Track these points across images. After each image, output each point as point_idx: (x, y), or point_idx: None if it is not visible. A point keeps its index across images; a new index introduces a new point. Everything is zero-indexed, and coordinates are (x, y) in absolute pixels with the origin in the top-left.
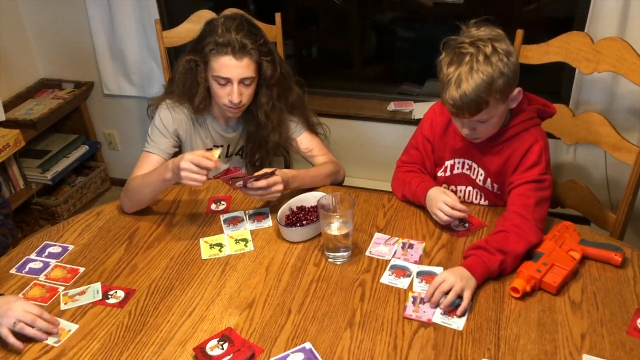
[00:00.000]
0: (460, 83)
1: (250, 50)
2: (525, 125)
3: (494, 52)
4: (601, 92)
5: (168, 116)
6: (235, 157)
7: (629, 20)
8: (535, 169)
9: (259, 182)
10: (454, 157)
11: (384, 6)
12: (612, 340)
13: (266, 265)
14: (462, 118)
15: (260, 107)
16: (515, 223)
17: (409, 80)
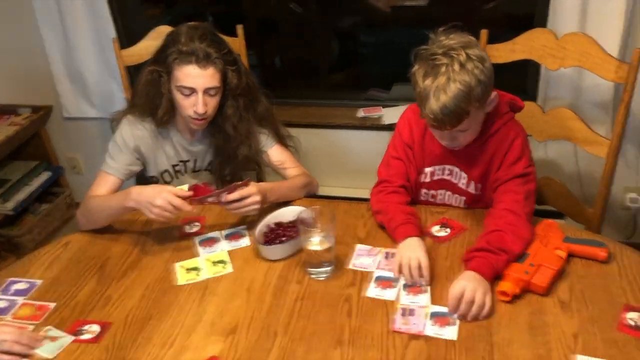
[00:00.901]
0: (438, 95)
1: (214, 59)
2: (503, 120)
3: (469, 59)
4: (567, 88)
5: (128, 132)
6: (204, 173)
7: (588, 15)
8: (519, 163)
9: (232, 194)
10: (433, 164)
11: (345, 12)
12: (604, 338)
13: (247, 287)
14: (443, 130)
15: (227, 118)
16: (508, 221)
17: (376, 85)
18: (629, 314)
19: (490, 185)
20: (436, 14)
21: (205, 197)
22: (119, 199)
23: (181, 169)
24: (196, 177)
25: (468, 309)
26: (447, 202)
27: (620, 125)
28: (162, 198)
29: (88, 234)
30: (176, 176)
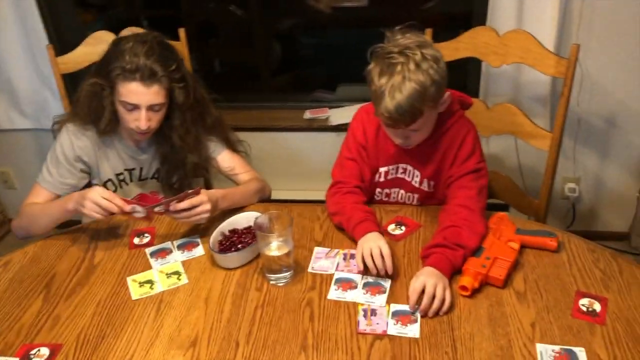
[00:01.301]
0: (394, 94)
1: (160, 78)
2: (454, 117)
3: (424, 59)
4: (507, 84)
5: (68, 143)
6: (151, 181)
7: (524, 13)
8: (471, 159)
9: (181, 203)
10: (388, 164)
11: (286, 14)
12: (560, 325)
13: (204, 297)
14: (397, 128)
15: (174, 129)
16: (463, 216)
17: (321, 87)
18: (582, 300)
19: (443, 182)
20: (376, 14)
21: (154, 205)
22: (60, 202)
23: (126, 178)
24: (143, 185)
25: (429, 304)
26: (400, 201)
27: (561, 118)
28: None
29: (30, 251)
30: (120, 185)
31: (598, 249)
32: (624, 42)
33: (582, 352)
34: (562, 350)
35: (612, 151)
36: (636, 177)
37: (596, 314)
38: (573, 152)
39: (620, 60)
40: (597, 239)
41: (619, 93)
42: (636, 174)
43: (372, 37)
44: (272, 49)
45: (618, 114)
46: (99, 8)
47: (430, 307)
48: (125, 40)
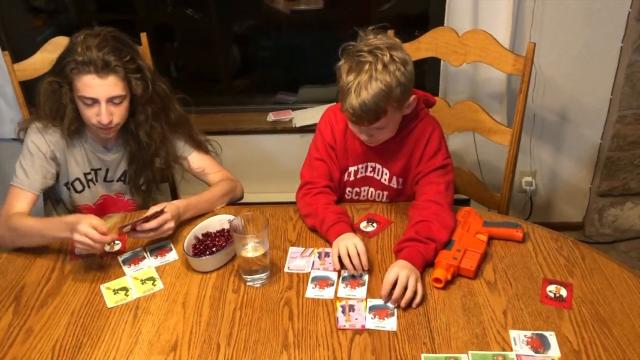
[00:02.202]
0: (360, 92)
1: (115, 67)
2: (419, 116)
3: (392, 61)
4: (464, 82)
5: (41, 139)
6: (117, 184)
7: (479, 13)
8: (438, 155)
9: (150, 223)
10: (357, 163)
11: (243, 16)
12: (530, 312)
13: (182, 302)
14: (361, 125)
15: (140, 125)
16: (433, 211)
17: (282, 89)
18: (549, 287)
19: (411, 178)
20: (332, 16)
21: (123, 225)
22: (55, 227)
23: (93, 178)
24: (109, 187)
25: (402, 294)
26: (370, 198)
27: (520, 114)
28: (79, 231)
29: None
30: (88, 185)
31: (561, 238)
32: (572, 40)
33: (553, 336)
34: (534, 335)
35: (565, 145)
36: (589, 169)
37: (563, 299)
38: (529, 147)
39: (569, 57)
40: (553, 229)
41: (570, 89)
42: (589, 166)
43: (330, 39)
44: (230, 52)
45: (570, 108)
46: (49, 13)
47: (402, 297)
48: (78, 35)
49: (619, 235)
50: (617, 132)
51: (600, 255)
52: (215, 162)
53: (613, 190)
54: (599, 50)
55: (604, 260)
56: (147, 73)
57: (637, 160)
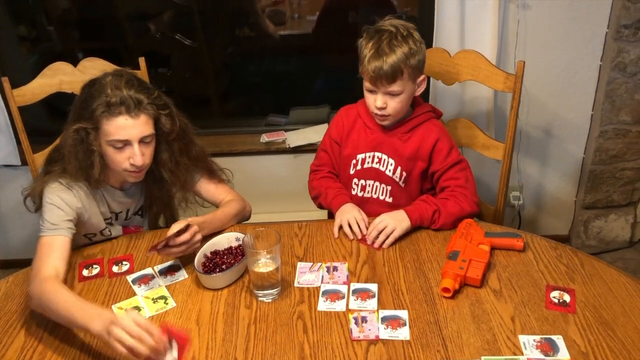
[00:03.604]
0: (381, 53)
1: (146, 106)
2: (427, 116)
3: (410, 35)
4: (453, 101)
5: (70, 196)
6: (135, 217)
7: (466, 34)
8: (452, 153)
9: (183, 236)
10: (365, 151)
11: (232, 41)
12: (536, 317)
13: (195, 319)
14: (379, 87)
15: (164, 164)
16: (454, 194)
17: (273, 111)
18: (552, 293)
19: (415, 176)
20: (319, 41)
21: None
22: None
23: (112, 221)
24: (128, 223)
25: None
26: (374, 196)
27: (512, 129)
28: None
29: (2, 287)
30: (109, 230)
31: (559, 246)
32: (554, 59)
33: (560, 339)
34: (543, 339)
35: (550, 159)
36: (573, 183)
37: (567, 304)
38: (516, 162)
39: (552, 75)
40: None
41: (553, 106)
42: (573, 180)
43: (317, 62)
44: (220, 76)
45: (554, 124)
46: (33, 41)
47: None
48: (102, 77)
49: (603, 246)
50: (599, 146)
51: (598, 261)
52: (223, 182)
53: (597, 202)
54: (579, 69)
55: (602, 266)
56: (173, 109)
57: (619, 173)
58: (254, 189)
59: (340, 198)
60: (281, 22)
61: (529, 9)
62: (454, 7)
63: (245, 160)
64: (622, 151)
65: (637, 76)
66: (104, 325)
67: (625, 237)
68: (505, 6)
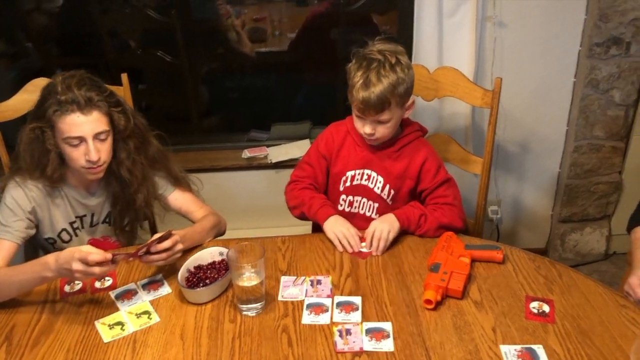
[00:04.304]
0: (369, 84)
1: (97, 103)
2: (415, 135)
3: (398, 62)
4: (431, 117)
5: (21, 195)
6: (102, 226)
7: (444, 52)
8: (440, 172)
9: (164, 243)
10: (355, 168)
11: (213, 58)
12: (517, 327)
13: (179, 334)
14: (367, 116)
15: (121, 163)
16: (442, 207)
17: (254, 127)
18: (532, 304)
19: (403, 195)
20: (297, 58)
21: (136, 250)
22: (35, 269)
23: (79, 226)
24: (93, 232)
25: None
26: (361, 212)
27: (490, 143)
28: (75, 260)
29: None
30: (75, 234)
31: (538, 258)
32: (529, 76)
33: (541, 349)
34: (523, 349)
35: (527, 174)
36: (550, 197)
37: (546, 315)
38: (494, 177)
39: (527, 92)
40: None
41: (529, 121)
42: (549, 194)
43: (297, 78)
44: (200, 93)
45: (530, 140)
46: (11, 57)
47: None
48: (54, 78)
49: (580, 259)
50: (574, 161)
51: (575, 272)
52: (196, 198)
53: (573, 216)
54: (554, 86)
55: (579, 277)
56: (126, 106)
57: (594, 187)
58: (236, 205)
59: (325, 209)
60: (262, 39)
61: (505, 27)
62: (432, 25)
63: (227, 175)
64: (597, 166)
65: (609, 93)
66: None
67: (600, 249)
68: (482, 24)
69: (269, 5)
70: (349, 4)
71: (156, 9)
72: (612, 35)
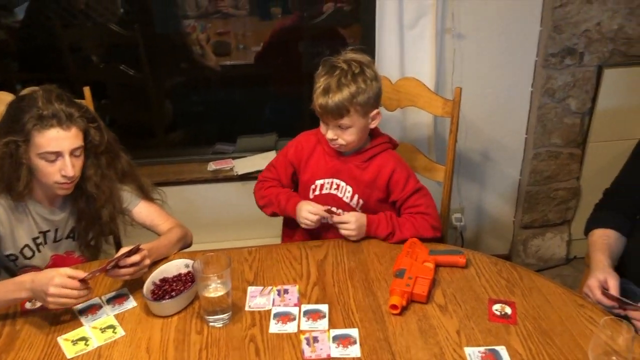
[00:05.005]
0: (328, 91)
1: (77, 119)
2: (384, 146)
3: (361, 73)
4: (395, 127)
5: None
6: (67, 241)
7: (405, 63)
8: (410, 181)
9: (133, 257)
10: (324, 177)
11: (177, 72)
12: (480, 330)
13: (145, 347)
14: (328, 121)
15: (89, 179)
16: (414, 218)
17: (219, 140)
18: (494, 306)
19: (372, 204)
20: (262, 70)
21: (105, 265)
22: (8, 289)
23: (42, 241)
24: (57, 247)
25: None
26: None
27: (451, 152)
28: (55, 285)
29: None
30: (38, 249)
31: (499, 262)
32: (489, 86)
33: (504, 350)
34: (487, 350)
35: (488, 182)
36: (511, 204)
37: (508, 316)
38: (457, 185)
39: (487, 101)
40: None
41: (489, 130)
42: (511, 200)
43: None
44: (164, 107)
45: (490, 148)
46: None
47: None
48: (32, 92)
49: (542, 264)
50: (533, 168)
51: (535, 275)
52: (163, 210)
53: (534, 222)
54: (512, 95)
55: (539, 279)
56: (101, 122)
57: (553, 193)
58: (202, 218)
59: (293, 200)
60: (226, 53)
61: (463, 38)
62: (394, 37)
63: (192, 189)
64: (555, 172)
65: (565, 101)
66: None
67: (561, 254)
68: (442, 36)
69: (233, 19)
70: (312, 18)
71: (119, 23)
72: (566, 46)
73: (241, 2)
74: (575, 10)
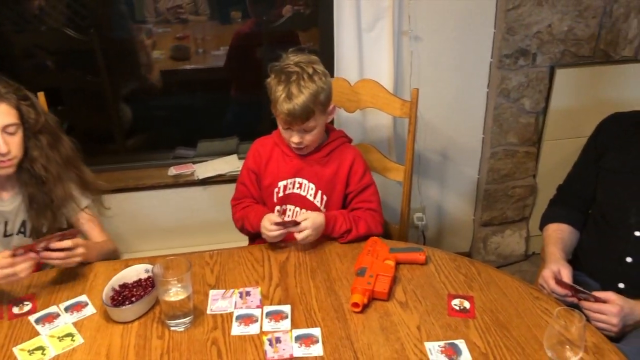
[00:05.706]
0: (291, 97)
1: (5, 95)
2: (341, 140)
3: (315, 72)
4: (356, 128)
5: None
6: (17, 237)
7: (364, 65)
8: (366, 175)
9: (65, 242)
10: (286, 177)
11: (134, 77)
12: (440, 325)
13: (105, 354)
14: (294, 126)
15: (35, 160)
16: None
17: (179, 144)
18: (453, 301)
19: (335, 199)
20: (223, 74)
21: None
22: None
23: None
24: (8, 243)
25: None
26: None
27: (410, 151)
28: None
29: None
30: None
31: (458, 258)
32: (446, 87)
33: (463, 343)
34: (446, 344)
35: (448, 181)
36: (471, 202)
37: (467, 311)
38: (417, 185)
39: (445, 102)
40: None
41: (447, 130)
42: (470, 199)
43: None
44: (122, 112)
45: (449, 148)
46: None
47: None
48: None
49: (502, 260)
50: (491, 167)
51: (493, 269)
52: (101, 225)
53: (493, 219)
54: (469, 96)
55: (496, 274)
56: (35, 101)
57: (511, 191)
58: (164, 223)
59: (259, 216)
60: (185, 57)
61: (420, 41)
62: (352, 40)
63: (153, 194)
64: (512, 170)
65: (519, 101)
66: None
67: (520, 250)
68: (399, 38)
69: (192, 23)
70: (271, 22)
71: (74, 28)
72: (519, 47)
73: (202, 7)
74: (527, 12)
